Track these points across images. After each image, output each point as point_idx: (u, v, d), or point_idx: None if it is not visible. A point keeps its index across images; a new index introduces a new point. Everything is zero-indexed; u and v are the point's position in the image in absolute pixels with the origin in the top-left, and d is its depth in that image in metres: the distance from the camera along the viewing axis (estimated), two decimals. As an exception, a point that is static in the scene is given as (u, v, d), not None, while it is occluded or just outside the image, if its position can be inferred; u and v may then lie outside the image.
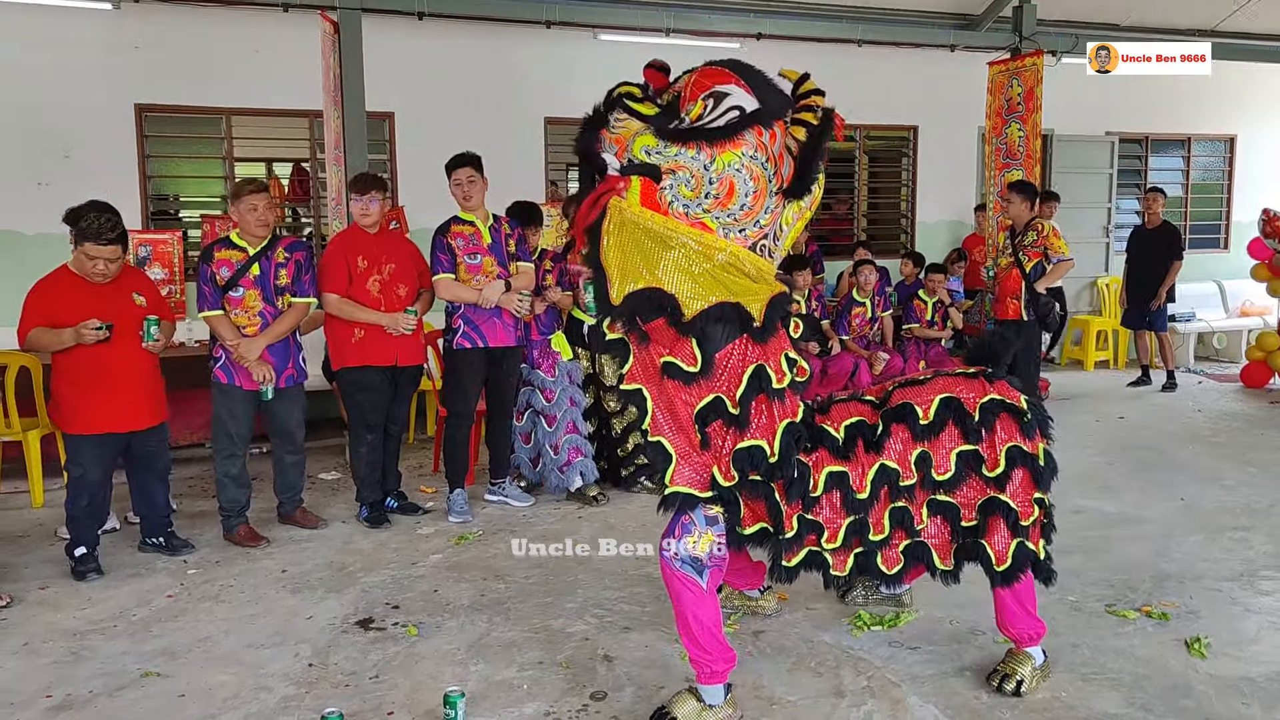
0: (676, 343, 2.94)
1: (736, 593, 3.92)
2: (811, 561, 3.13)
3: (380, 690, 3.34)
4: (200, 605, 4.11)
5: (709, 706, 3.11)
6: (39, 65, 6.96)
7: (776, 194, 2.99)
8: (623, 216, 2.90)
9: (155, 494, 4.75)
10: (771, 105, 2.96)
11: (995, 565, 3.16)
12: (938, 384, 3.25)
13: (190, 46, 7.28)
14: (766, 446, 2.97)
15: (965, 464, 3.15)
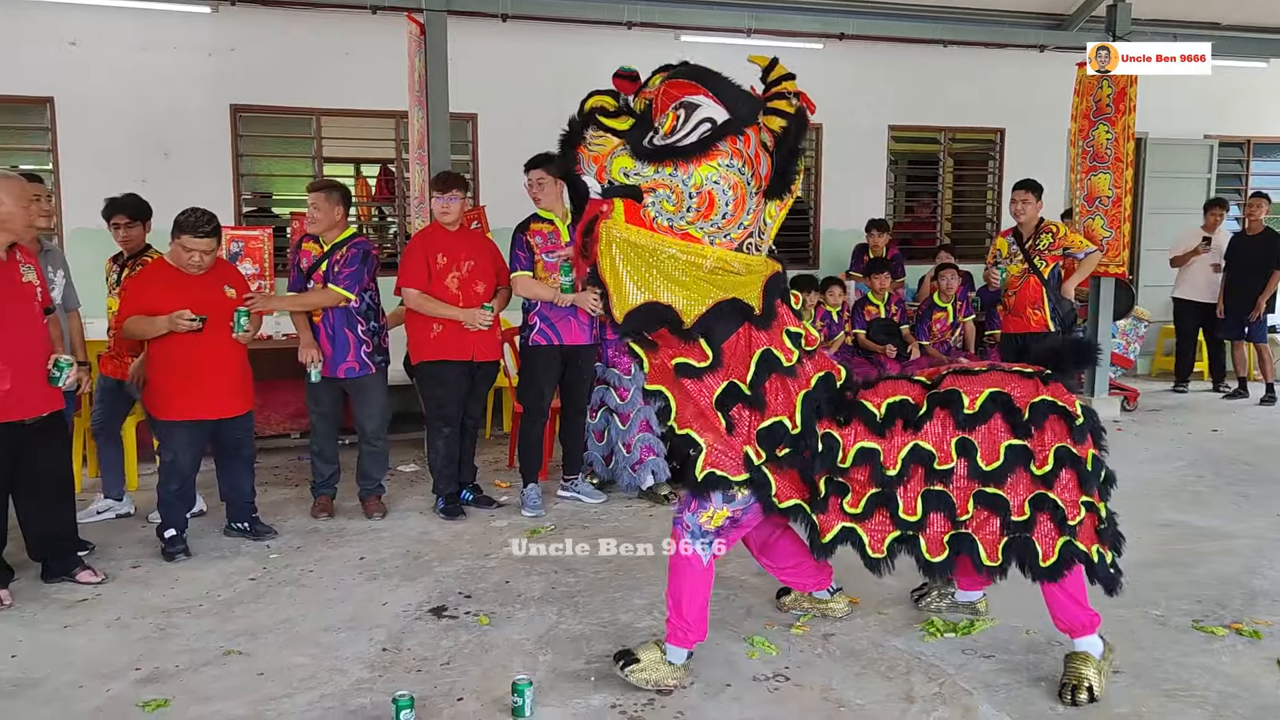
0: (685, 344, 3.09)
1: (806, 595, 3.90)
2: (847, 538, 3.19)
3: (451, 676, 3.39)
4: (281, 589, 4.23)
5: (668, 662, 3.32)
6: (141, 68, 7.26)
7: (757, 195, 3.07)
8: (611, 236, 2.99)
9: (240, 480, 4.91)
10: (741, 114, 3.01)
11: (1041, 561, 3.14)
12: (991, 378, 3.25)
13: (283, 48, 7.51)
14: (787, 421, 3.13)
15: (1014, 458, 3.13)
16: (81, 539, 4.58)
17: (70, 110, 7.20)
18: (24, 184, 4.03)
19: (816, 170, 9.03)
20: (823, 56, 8.52)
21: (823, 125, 8.91)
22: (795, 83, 3.12)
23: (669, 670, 3.30)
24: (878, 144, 9.13)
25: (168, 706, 3.18)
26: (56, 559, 4.23)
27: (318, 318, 5.04)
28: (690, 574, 3.26)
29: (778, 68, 3.16)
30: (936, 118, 9.30)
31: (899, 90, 8.99)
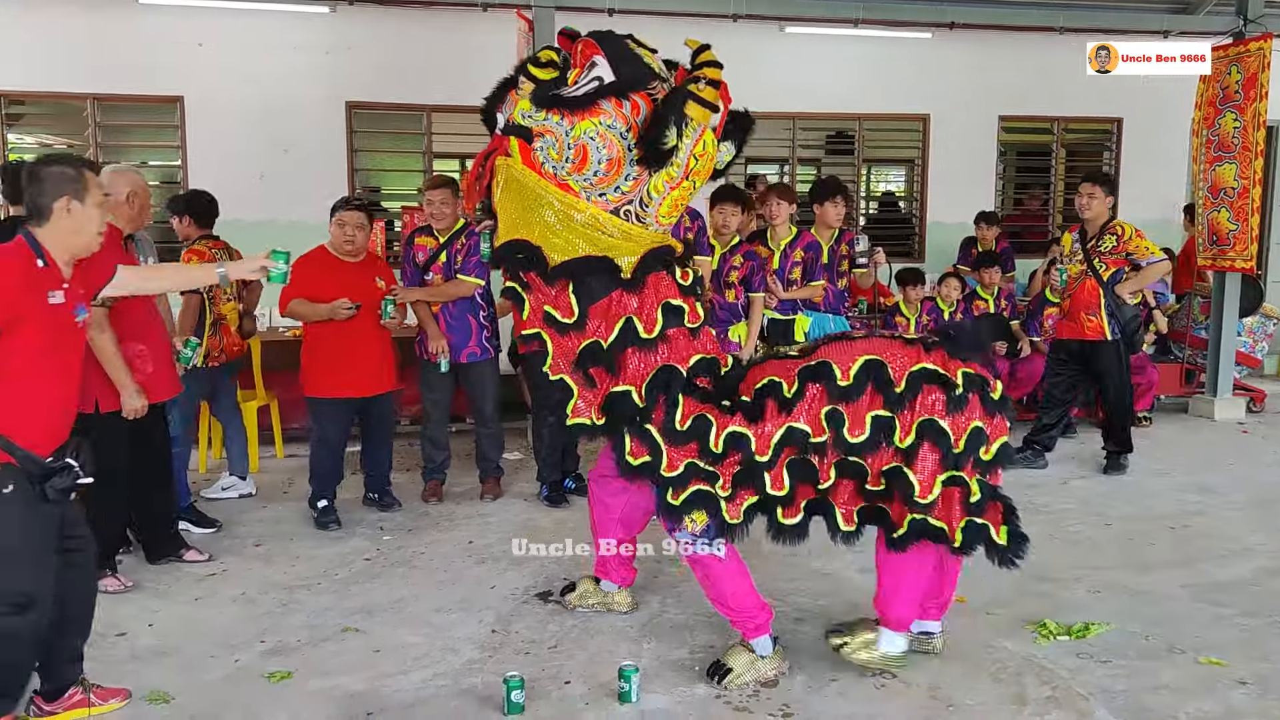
0: (556, 295, 3.22)
1: (596, 588, 3.93)
2: (699, 501, 3.18)
3: (558, 659, 3.46)
4: (395, 570, 4.38)
5: (760, 657, 3.33)
6: (263, 67, 7.57)
7: (638, 163, 3.18)
8: (508, 173, 3.23)
9: (380, 454, 5.26)
10: (624, 78, 3.18)
11: (891, 531, 3.14)
12: (868, 344, 3.22)
13: (397, 46, 7.72)
14: (635, 393, 3.18)
15: (880, 430, 3.10)
16: (209, 517, 4.84)
17: (198, 109, 7.55)
18: (139, 178, 4.21)
19: (923, 162, 8.86)
20: (931, 46, 8.36)
21: (930, 116, 8.74)
22: (720, 71, 3.23)
23: (764, 664, 3.33)
24: (987, 135, 8.90)
25: (291, 678, 3.33)
26: (163, 540, 4.42)
27: (436, 308, 5.19)
28: (716, 571, 3.32)
29: (706, 53, 3.29)
30: (1049, 107, 9.01)
31: (1010, 79, 8.75)
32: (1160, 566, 4.41)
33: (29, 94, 7.50)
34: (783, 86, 8.34)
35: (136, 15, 7.32)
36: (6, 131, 7.44)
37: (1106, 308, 5.83)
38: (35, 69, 7.28)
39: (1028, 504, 5.34)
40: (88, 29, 7.28)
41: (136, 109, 7.78)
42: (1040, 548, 4.62)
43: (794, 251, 5.50)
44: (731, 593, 3.33)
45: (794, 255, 5.50)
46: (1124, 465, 6.03)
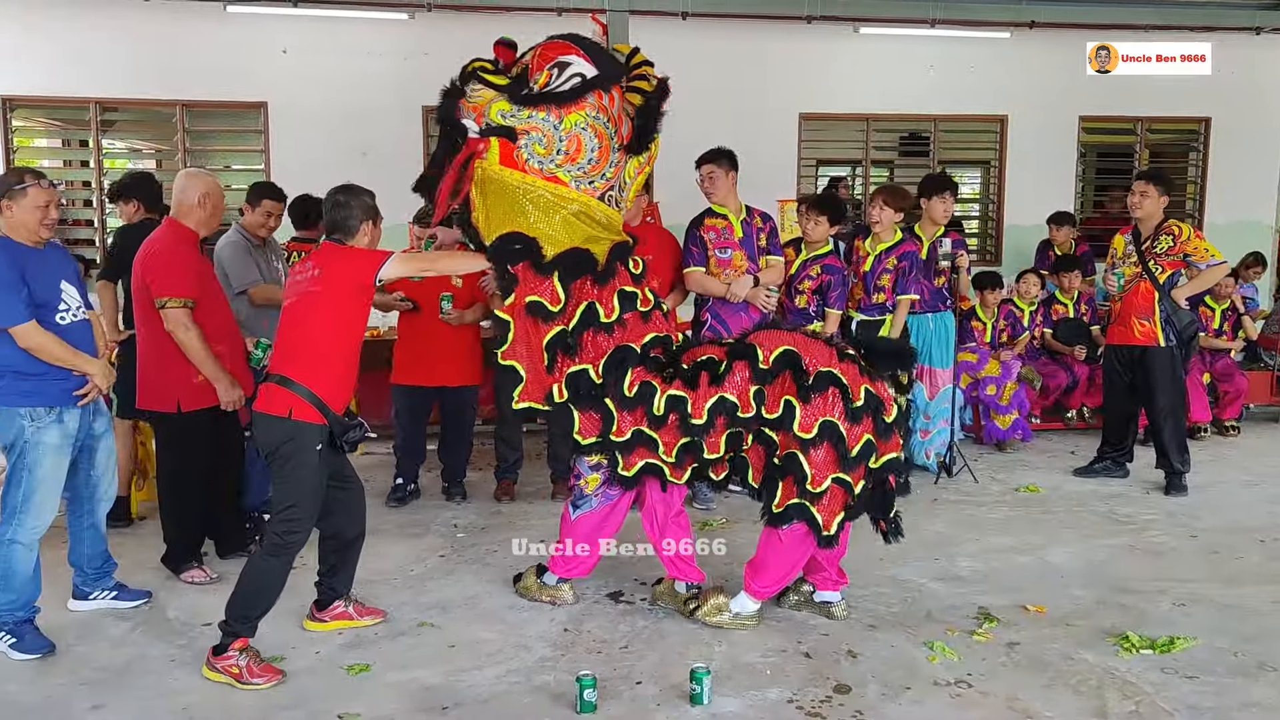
0: (540, 284, 3.47)
1: (670, 590, 3.97)
2: (649, 470, 3.60)
3: (629, 660, 3.48)
4: (468, 566, 4.44)
5: (543, 583, 3.98)
6: (343, 73, 7.75)
7: (620, 150, 3.55)
8: (485, 174, 3.43)
9: (456, 446, 5.43)
10: (609, 72, 3.55)
11: (773, 505, 3.49)
12: (791, 337, 3.57)
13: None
14: (592, 371, 3.52)
15: (790, 414, 3.42)
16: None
17: (281, 114, 7.75)
18: (213, 181, 4.25)
19: (1000, 163, 8.70)
20: (1010, 45, 8.21)
21: (1008, 117, 8.58)
22: (653, 68, 3.72)
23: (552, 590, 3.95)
24: (1067, 136, 8.70)
25: (369, 671, 3.40)
26: (234, 534, 4.52)
27: None
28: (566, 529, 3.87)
29: (638, 55, 3.78)
30: (1133, 107, 8.76)
31: (1092, 78, 8.52)
32: (1250, 580, 4.26)
33: (122, 101, 7.78)
34: (856, 88, 8.28)
35: (223, 24, 7.56)
36: (101, 138, 7.72)
37: (1161, 313, 5.55)
38: (128, 77, 7.55)
39: (1109, 514, 5.24)
40: (177, 38, 7.53)
41: (222, 115, 8.03)
42: (1121, 559, 4.54)
43: (888, 259, 5.43)
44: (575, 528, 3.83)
45: (887, 262, 5.44)
46: (1184, 486, 5.62)
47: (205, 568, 4.26)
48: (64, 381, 3.55)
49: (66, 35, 7.44)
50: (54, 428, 3.53)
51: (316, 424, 3.32)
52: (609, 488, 3.77)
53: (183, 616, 3.88)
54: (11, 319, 3.41)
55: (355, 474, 3.73)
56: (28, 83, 7.50)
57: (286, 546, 3.38)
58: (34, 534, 3.54)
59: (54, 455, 3.54)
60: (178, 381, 4.05)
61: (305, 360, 3.36)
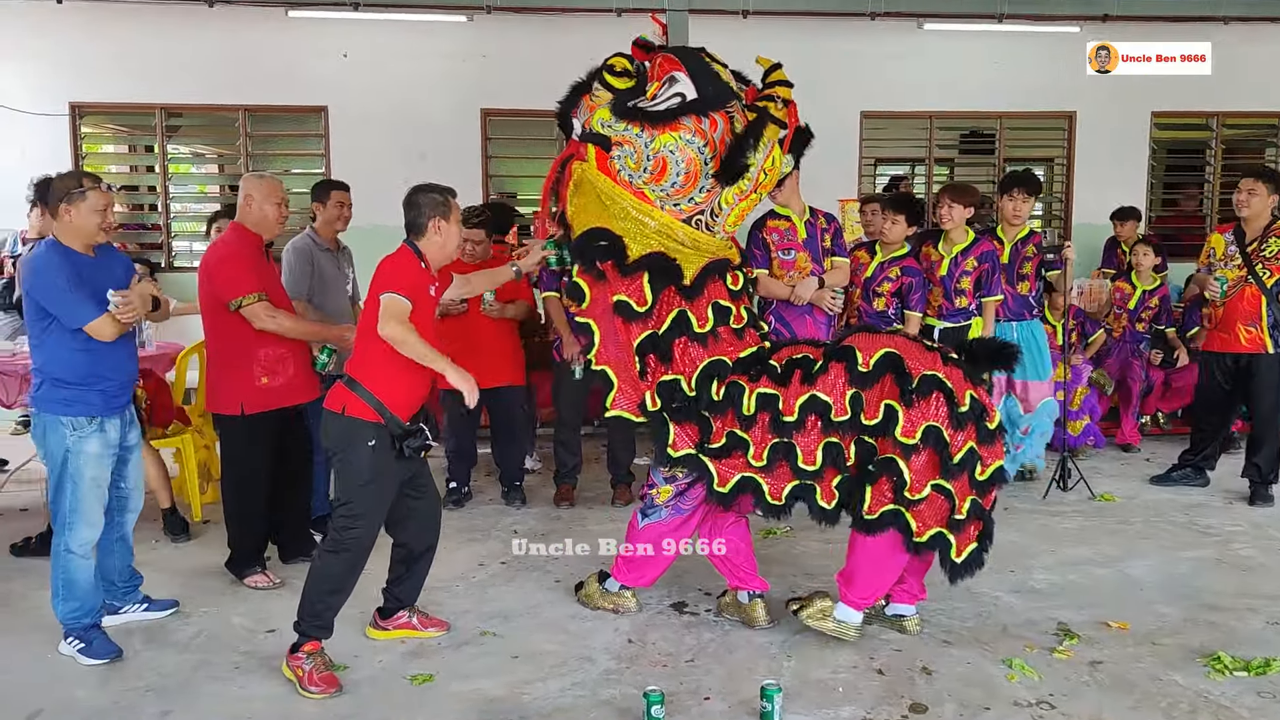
0: (628, 283, 3.40)
1: (734, 600, 3.87)
2: (746, 486, 3.44)
3: (696, 674, 3.40)
4: (529, 574, 4.39)
5: (605, 590, 3.91)
6: (403, 76, 7.77)
7: (713, 177, 3.41)
8: (581, 176, 3.41)
9: (505, 447, 5.43)
10: (707, 96, 3.38)
11: (864, 512, 3.36)
12: (891, 340, 3.46)
13: (530, 53, 7.81)
14: (684, 382, 3.42)
15: (890, 417, 3.31)
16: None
17: (341, 117, 7.80)
18: (277, 184, 4.21)
19: (1069, 161, 8.45)
20: (1080, 39, 7.96)
21: (1076, 113, 8.33)
22: (790, 90, 3.49)
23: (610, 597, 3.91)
24: (1139, 131, 8.42)
25: (432, 681, 3.36)
26: (297, 539, 4.51)
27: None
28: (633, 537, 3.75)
29: (777, 72, 3.51)
30: (1208, 101, 8.45)
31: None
32: (1347, 598, 4.06)
33: (186, 106, 7.88)
34: (919, 85, 8.09)
35: (285, 28, 7.61)
36: (166, 143, 7.83)
37: (1270, 318, 5.25)
38: (191, 83, 7.64)
39: (1190, 525, 5.03)
40: (239, 43, 7.61)
41: (284, 119, 8.09)
42: (1206, 573, 4.35)
43: (966, 260, 5.22)
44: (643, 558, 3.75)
45: (965, 264, 5.22)
46: (1271, 496, 5.39)
47: (269, 573, 4.26)
48: (105, 391, 3.55)
49: (131, 42, 7.55)
50: (95, 437, 3.54)
51: (371, 422, 3.31)
52: (681, 500, 3.68)
53: (247, 623, 3.88)
54: (83, 318, 3.43)
55: (432, 486, 3.69)
56: (95, 90, 7.63)
57: (344, 544, 3.36)
58: (87, 542, 3.56)
59: (96, 464, 3.54)
60: (242, 385, 4.05)
61: (365, 362, 3.38)
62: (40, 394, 3.52)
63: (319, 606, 3.38)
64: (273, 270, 4.27)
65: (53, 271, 3.42)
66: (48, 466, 3.57)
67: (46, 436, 3.51)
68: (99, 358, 3.51)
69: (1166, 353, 6.74)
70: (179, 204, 8.20)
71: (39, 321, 3.47)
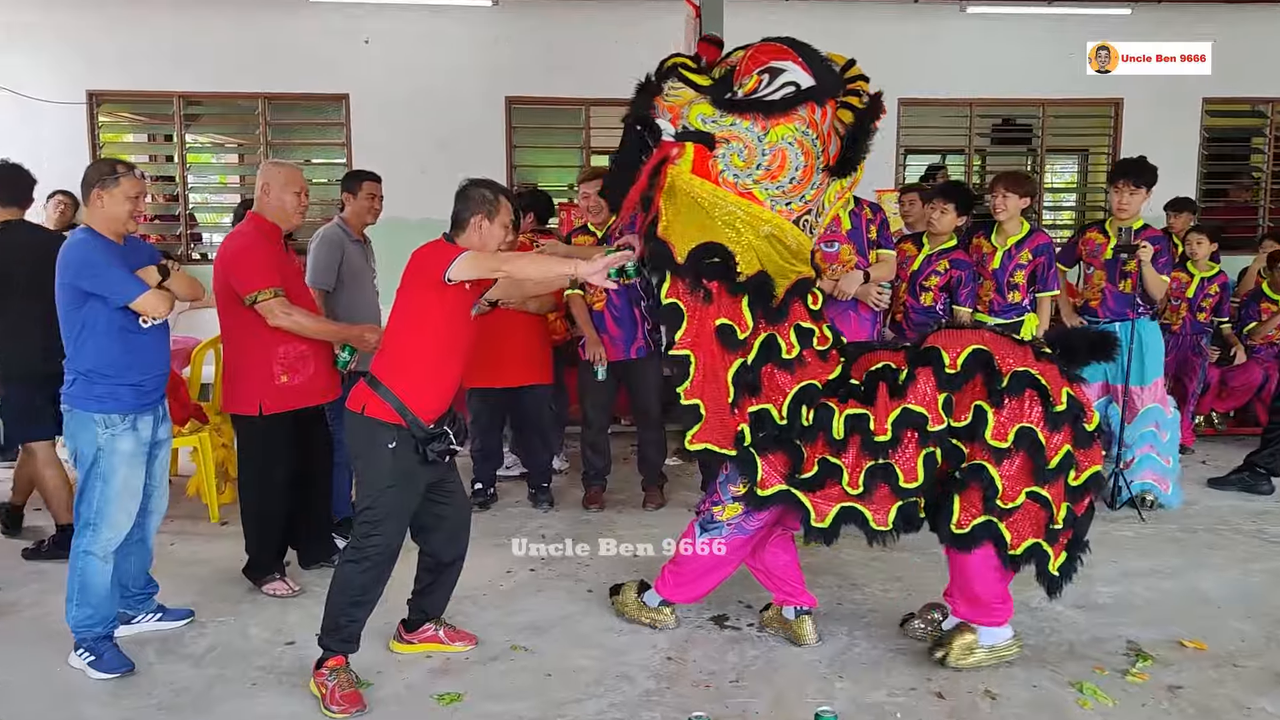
0: (731, 307, 3.14)
1: (778, 616, 3.62)
2: (849, 517, 3.17)
3: (742, 696, 3.17)
4: (559, 583, 4.18)
5: (643, 603, 3.64)
6: (425, 62, 7.56)
7: (823, 171, 3.20)
8: (674, 182, 3.11)
9: (534, 448, 5.22)
10: (827, 83, 3.16)
11: (953, 525, 3.12)
12: (978, 335, 3.22)
13: (556, 39, 7.59)
14: (774, 411, 3.17)
15: (981, 420, 3.08)
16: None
17: (362, 105, 7.59)
18: (297, 172, 3.99)
19: (1114, 150, 8.14)
20: (1128, 23, 7.67)
21: (1123, 100, 8.02)
22: (867, 84, 3.28)
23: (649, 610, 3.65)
24: (1189, 119, 8.09)
25: (461, 701, 3.15)
26: (317, 544, 4.30)
27: (601, 304, 4.98)
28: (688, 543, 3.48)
29: (854, 68, 3.29)
30: (1263, 87, 8.12)
31: (1217, 57, 7.91)
32: None
33: (205, 94, 7.70)
34: (961, 71, 7.80)
35: (305, 13, 7.42)
36: (185, 132, 7.66)
37: None
38: (210, 70, 7.46)
39: (1257, 534, 4.76)
40: (259, 29, 7.42)
41: (305, 107, 7.90)
42: (1284, 589, 4.08)
43: (1020, 252, 4.89)
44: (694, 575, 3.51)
45: (1019, 256, 4.88)
46: None
47: (287, 580, 4.06)
48: (139, 386, 3.37)
49: (149, 29, 7.38)
50: (128, 435, 3.36)
51: (391, 423, 3.11)
52: (747, 519, 3.40)
53: (264, 634, 3.68)
54: (132, 291, 3.27)
55: (461, 492, 3.48)
56: (113, 78, 7.46)
57: (364, 552, 3.16)
58: (109, 546, 3.37)
59: (129, 464, 3.37)
60: (260, 384, 3.85)
61: (389, 360, 3.18)
62: (73, 390, 3.36)
63: (342, 620, 3.19)
64: (292, 263, 4.05)
65: (94, 252, 3.28)
66: (77, 466, 3.40)
67: (78, 434, 3.35)
68: (135, 350, 3.36)
69: (1223, 350, 6.44)
70: (198, 194, 8.03)
71: (75, 312, 3.32)
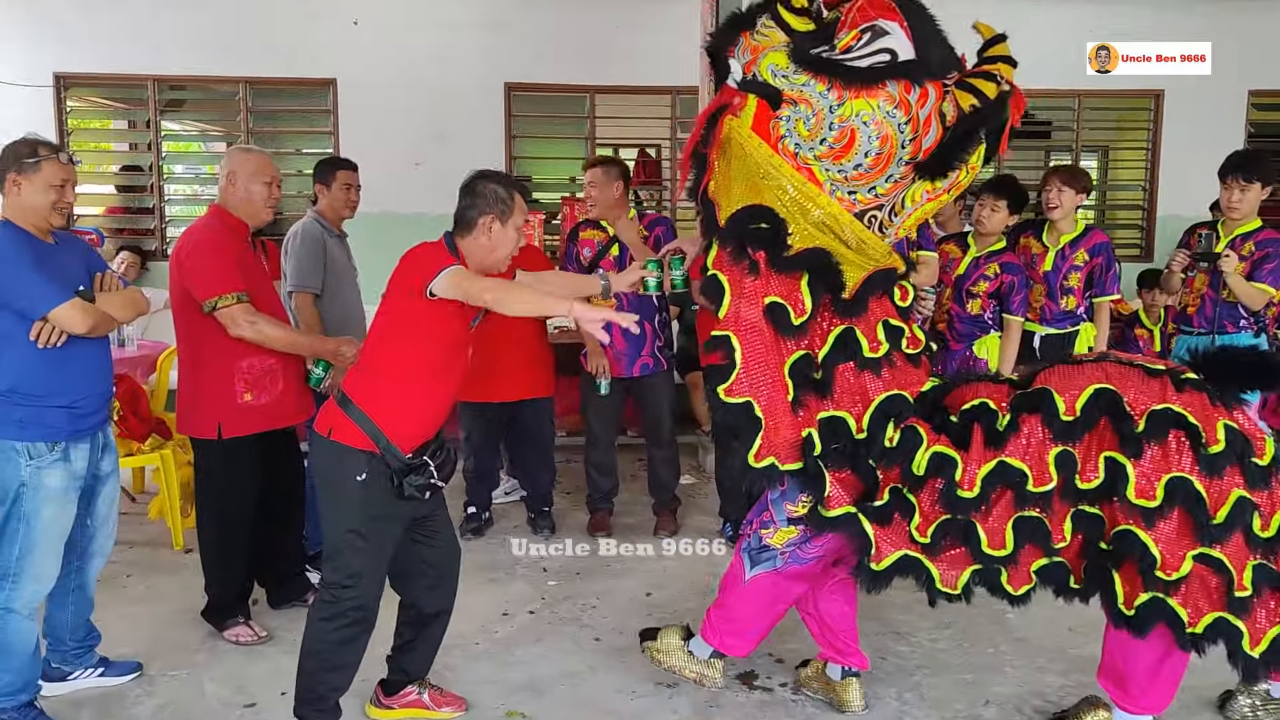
0: (783, 283, 2.63)
1: (820, 674, 3.13)
2: (906, 567, 2.65)
3: (782, 782, 2.68)
4: (563, 628, 3.68)
5: (690, 654, 3.02)
6: (418, 46, 7.02)
7: (907, 164, 2.64)
8: (730, 135, 2.63)
9: (535, 469, 4.73)
10: (928, 61, 2.60)
11: (1121, 604, 2.55)
12: (1101, 370, 2.60)
13: (559, 22, 7.08)
14: (851, 420, 2.67)
15: (1117, 474, 2.50)
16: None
17: (351, 91, 7.07)
18: (266, 159, 3.50)
19: (1154, 145, 7.64)
20: (1163, 9, 7.17)
21: (1164, 91, 7.51)
22: (1012, 68, 2.69)
23: (692, 663, 3.02)
24: (1234, 112, 7.59)
25: (447, 786, 2.66)
26: (288, 581, 3.81)
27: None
28: (736, 592, 2.91)
29: (1000, 45, 2.71)
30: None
31: (1265, 46, 7.41)
32: None
33: (182, 78, 7.16)
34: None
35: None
36: (161, 118, 7.13)
37: None
38: (187, 53, 6.90)
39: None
40: (241, 9, 6.88)
41: (289, 93, 7.38)
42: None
43: (1075, 253, 4.36)
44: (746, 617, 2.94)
45: (1074, 257, 4.34)
46: None
47: (252, 624, 3.55)
48: (72, 410, 2.84)
49: (123, 6, 6.82)
50: (58, 468, 2.82)
51: (361, 450, 2.64)
52: (804, 548, 2.81)
53: (222, 692, 3.18)
54: (48, 301, 2.73)
55: (450, 533, 2.98)
56: (82, 59, 6.91)
57: (338, 604, 2.69)
58: (32, 601, 2.85)
59: (57, 502, 2.83)
60: (220, 402, 3.35)
61: (365, 376, 2.71)
62: None
63: (320, 688, 2.74)
64: (259, 264, 3.54)
65: (8, 249, 2.73)
66: None
67: None
68: (67, 365, 2.81)
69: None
70: (174, 186, 7.51)
71: None
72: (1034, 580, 2.66)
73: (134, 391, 4.49)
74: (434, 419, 2.78)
